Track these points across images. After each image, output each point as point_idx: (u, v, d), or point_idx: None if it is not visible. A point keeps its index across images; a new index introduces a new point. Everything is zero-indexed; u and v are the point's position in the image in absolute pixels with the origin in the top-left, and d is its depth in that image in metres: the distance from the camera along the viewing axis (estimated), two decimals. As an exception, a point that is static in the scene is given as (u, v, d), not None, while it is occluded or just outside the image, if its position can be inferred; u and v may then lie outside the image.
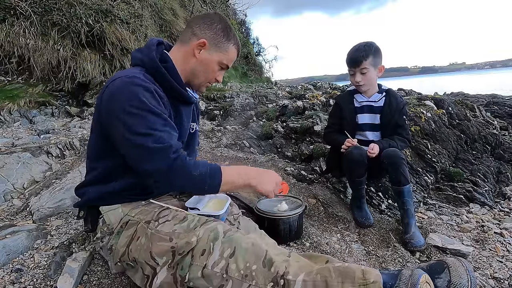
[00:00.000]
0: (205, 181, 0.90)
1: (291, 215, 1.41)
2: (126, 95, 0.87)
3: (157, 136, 0.86)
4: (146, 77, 0.94)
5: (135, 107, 0.86)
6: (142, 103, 0.87)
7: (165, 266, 0.84)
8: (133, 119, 0.85)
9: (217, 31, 1.04)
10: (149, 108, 0.87)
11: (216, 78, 1.10)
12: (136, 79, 0.90)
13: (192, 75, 1.07)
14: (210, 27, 1.03)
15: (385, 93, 1.79)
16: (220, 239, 0.84)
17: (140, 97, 0.87)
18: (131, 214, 0.98)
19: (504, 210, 1.95)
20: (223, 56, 1.06)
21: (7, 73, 3.76)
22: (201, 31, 1.03)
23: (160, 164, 0.85)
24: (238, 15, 10.21)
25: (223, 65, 1.08)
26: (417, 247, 1.46)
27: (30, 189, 1.80)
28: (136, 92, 0.87)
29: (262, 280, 0.78)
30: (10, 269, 1.09)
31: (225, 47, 1.05)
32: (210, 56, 1.04)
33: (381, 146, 1.64)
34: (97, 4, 4.06)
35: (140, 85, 0.89)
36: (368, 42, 1.70)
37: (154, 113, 0.88)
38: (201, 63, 1.05)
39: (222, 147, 3.11)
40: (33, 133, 2.91)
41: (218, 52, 1.05)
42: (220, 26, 1.04)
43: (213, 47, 1.03)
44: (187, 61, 1.05)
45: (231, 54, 1.08)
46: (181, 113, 1.07)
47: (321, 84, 5.98)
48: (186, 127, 1.12)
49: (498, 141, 2.74)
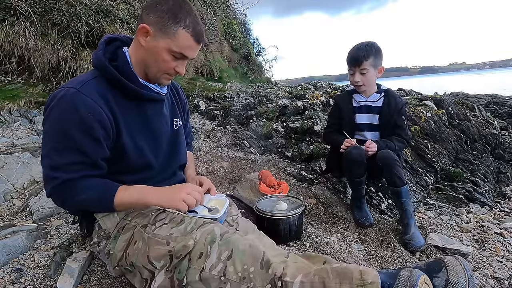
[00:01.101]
0: (89, 205, 0.92)
1: (291, 215, 1.41)
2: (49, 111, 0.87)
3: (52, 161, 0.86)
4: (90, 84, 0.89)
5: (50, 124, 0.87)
6: (57, 121, 0.86)
7: (163, 270, 0.84)
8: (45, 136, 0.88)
9: (161, 13, 0.89)
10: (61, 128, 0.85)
11: (175, 68, 0.96)
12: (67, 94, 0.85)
13: (145, 66, 0.96)
14: (155, 10, 0.90)
15: (384, 93, 1.79)
16: (217, 241, 0.83)
17: (58, 115, 0.85)
18: (128, 218, 0.98)
19: (504, 210, 1.95)
20: (171, 42, 0.90)
21: (7, 73, 3.76)
22: (147, 15, 0.91)
23: (46, 190, 0.89)
24: (238, 15, 10.22)
25: (175, 53, 0.92)
26: (417, 248, 1.46)
27: (30, 189, 1.80)
28: (57, 108, 0.85)
29: (259, 282, 0.78)
30: (10, 269, 1.09)
31: (172, 31, 0.89)
32: (157, 43, 0.90)
33: (378, 146, 1.64)
34: (97, 4, 4.06)
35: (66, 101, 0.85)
36: (370, 42, 1.69)
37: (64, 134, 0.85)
38: (148, 52, 0.92)
39: (222, 147, 3.11)
40: (33, 133, 2.92)
41: (165, 38, 0.90)
42: (166, 7, 0.89)
43: (158, 32, 0.90)
44: (137, 53, 0.95)
45: (182, 39, 0.91)
46: (146, 113, 1.00)
47: (321, 84, 5.98)
48: (158, 126, 1.05)
49: (498, 141, 2.73)
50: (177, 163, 1.17)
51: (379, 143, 1.66)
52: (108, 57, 0.94)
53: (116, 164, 0.96)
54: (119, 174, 0.98)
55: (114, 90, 0.93)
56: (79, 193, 0.87)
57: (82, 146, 0.86)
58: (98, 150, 0.89)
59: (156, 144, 1.05)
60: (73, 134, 0.85)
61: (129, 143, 0.96)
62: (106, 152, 0.92)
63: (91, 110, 0.85)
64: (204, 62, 6.42)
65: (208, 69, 6.57)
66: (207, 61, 6.52)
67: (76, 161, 0.87)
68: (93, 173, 0.91)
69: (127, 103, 0.95)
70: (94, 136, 0.87)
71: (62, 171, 0.85)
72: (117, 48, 0.98)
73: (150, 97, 0.99)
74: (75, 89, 0.86)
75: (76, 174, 0.87)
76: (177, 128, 1.15)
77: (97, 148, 0.89)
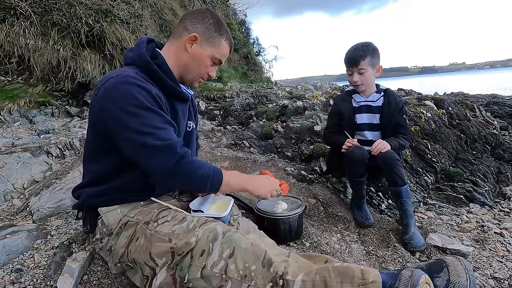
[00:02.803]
0: (207, 181, 0.93)
1: (291, 215, 1.41)
2: (121, 94, 0.87)
3: (158, 134, 0.86)
4: (139, 75, 0.94)
5: (132, 105, 0.86)
6: (138, 101, 0.87)
7: (165, 267, 0.84)
8: (132, 118, 0.85)
9: (209, 25, 1.04)
10: (146, 106, 0.87)
11: (209, 73, 1.10)
12: (130, 78, 0.89)
13: (185, 70, 1.07)
14: (202, 22, 1.04)
15: (383, 93, 1.80)
16: (219, 239, 0.84)
17: (136, 95, 0.87)
18: (130, 215, 0.98)
19: (504, 210, 1.95)
20: (215, 50, 1.06)
21: (7, 73, 3.76)
22: (193, 25, 1.04)
23: (164, 163, 0.86)
24: (238, 15, 10.21)
25: (216, 59, 1.08)
26: (417, 248, 1.46)
27: (30, 189, 1.80)
28: (131, 90, 0.87)
29: (261, 281, 0.78)
30: (10, 269, 1.09)
31: (217, 41, 1.05)
32: (203, 50, 1.04)
33: (392, 145, 1.62)
34: (97, 4, 4.06)
35: (133, 83, 0.88)
36: (366, 43, 1.71)
37: (152, 111, 0.88)
38: (193, 58, 1.05)
39: (222, 147, 3.11)
40: (33, 133, 2.92)
41: (210, 47, 1.05)
42: (212, 21, 1.05)
43: (204, 41, 1.04)
44: (179, 56, 1.05)
45: (223, 48, 1.08)
46: (176, 111, 1.06)
47: (321, 84, 5.99)
48: (183, 124, 1.12)
49: (498, 141, 2.73)
50: None
51: (391, 142, 1.65)
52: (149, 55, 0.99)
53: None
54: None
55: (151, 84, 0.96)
56: (198, 168, 0.91)
57: (168, 118, 0.93)
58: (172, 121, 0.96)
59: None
60: (156, 109, 0.90)
61: None
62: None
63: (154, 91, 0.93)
64: (204, 62, 6.41)
65: (208, 69, 6.55)
66: (207, 61, 6.50)
67: (173, 131, 0.92)
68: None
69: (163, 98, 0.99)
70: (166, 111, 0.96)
71: (172, 141, 0.88)
72: (154, 48, 1.05)
73: (183, 95, 1.07)
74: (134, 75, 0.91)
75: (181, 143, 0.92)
76: (190, 130, 1.20)
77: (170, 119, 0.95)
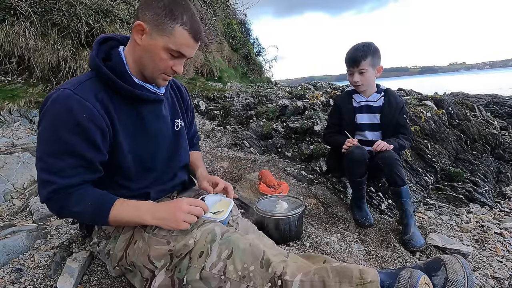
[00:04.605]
0: (83, 218, 0.92)
1: (291, 215, 1.41)
2: (44, 113, 0.84)
3: (48, 165, 0.82)
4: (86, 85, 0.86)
5: (45, 127, 0.83)
6: (52, 123, 0.82)
7: (163, 269, 0.84)
8: (40, 139, 0.85)
9: (158, 10, 0.85)
10: (56, 131, 0.81)
11: (172, 68, 0.92)
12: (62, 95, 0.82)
13: (142, 66, 0.93)
14: (150, 7, 0.86)
15: (383, 93, 1.80)
16: (218, 240, 0.83)
17: (52, 117, 0.82)
18: None
19: (504, 210, 1.95)
20: (168, 40, 0.86)
21: (7, 73, 3.76)
22: (142, 13, 0.87)
23: (41, 195, 0.85)
24: (238, 15, 10.22)
25: (172, 51, 0.88)
26: (417, 248, 1.46)
27: (30, 189, 1.80)
28: (52, 110, 0.82)
29: (259, 281, 0.78)
30: (10, 269, 1.09)
31: (169, 28, 0.86)
32: (153, 41, 0.87)
33: (393, 145, 1.62)
34: (97, 4, 4.06)
35: (61, 103, 0.81)
36: (367, 43, 1.71)
37: (59, 138, 0.81)
38: (145, 51, 0.89)
39: (222, 147, 3.11)
40: (33, 133, 2.92)
41: (162, 36, 0.86)
42: (162, 4, 0.86)
43: (154, 30, 0.86)
44: (134, 51, 0.92)
45: (179, 37, 0.87)
46: (142, 114, 0.97)
47: (321, 84, 5.99)
48: (156, 128, 1.01)
49: (498, 141, 2.73)
50: (178, 164, 1.14)
51: (392, 142, 1.65)
52: (102, 57, 0.91)
53: (114, 168, 0.94)
54: (118, 178, 0.96)
55: (109, 91, 0.90)
56: (74, 204, 0.84)
57: (78, 149, 0.83)
58: (94, 153, 0.86)
59: (155, 146, 1.02)
60: (67, 137, 0.81)
61: (126, 146, 0.94)
62: (104, 154, 0.89)
63: (86, 112, 0.83)
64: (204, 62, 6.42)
65: (208, 69, 6.57)
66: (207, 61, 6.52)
67: (71, 165, 0.83)
68: (90, 177, 0.88)
69: (123, 105, 0.92)
70: (90, 139, 0.84)
71: (57, 176, 0.82)
72: (112, 48, 0.95)
73: (146, 97, 0.95)
74: (70, 90, 0.83)
75: (72, 179, 0.84)
76: (178, 129, 1.12)
77: (93, 151, 0.86)
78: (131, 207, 0.89)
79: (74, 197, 0.84)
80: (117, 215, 0.86)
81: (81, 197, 0.85)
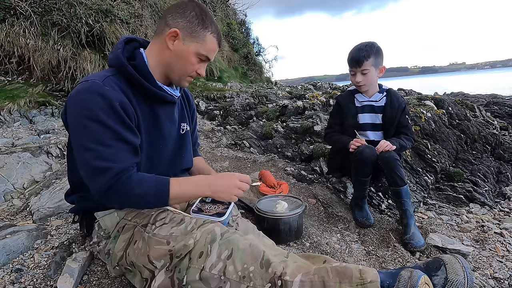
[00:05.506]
0: (148, 200, 0.89)
1: (291, 215, 1.41)
2: (79, 105, 0.84)
3: (100, 152, 0.82)
4: (111, 80, 0.89)
5: (85, 117, 0.83)
6: (92, 112, 0.82)
7: (163, 269, 0.84)
8: (83, 131, 0.83)
9: (191, 18, 0.94)
10: (98, 119, 0.83)
11: (197, 71, 1.00)
12: (92, 85, 0.85)
13: (169, 69, 0.99)
14: (183, 15, 0.94)
15: (385, 93, 1.80)
16: (218, 241, 0.83)
17: (90, 106, 0.83)
18: (128, 218, 0.98)
19: (504, 210, 1.95)
20: (200, 46, 0.96)
21: (7, 73, 3.77)
22: (174, 20, 0.95)
23: (97, 184, 0.83)
24: (238, 15, 10.22)
25: (202, 56, 0.98)
26: (417, 248, 1.46)
27: (30, 189, 1.81)
28: (87, 100, 0.83)
29: (259, 281, 0.78)
30: (10, 269, 1.09)
31: (201, 36, 0.95)
32: (186, 47, 0.95)
33: (395, 145, 1.63)
34: (97, 4, 4.07)
35: (94, 92, 0.84)
36: (370, 42, 1.70)
37: (103, 124, 0.83)
38: (176, 55, 0.96)
39: (222, 147, 3.11)
40: (33, 133, 2.92)
41: (194, 42, 0.95)
42: (194, 13, 0.95)
43: (187, 36, 0.94)
44: (162, 55, 0.98)
45: (209, 43, 0.97)
46: (157, 114, 1.01)
47: (321, 84, 5.99)
48: (168, 128, 1.06)
49: (498, 141, 2.74)
50: (181, 167, 1.17)
51: (394, 142, 1.64)
52: (127, 56, 0.95)
53: None
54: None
55: (131, 88, 0.94)
56: (136, 187, 0.85)
57: (122, 134, 0.86)
58: (133, 137, 0.90)
59: (163, 145, 1.06)
60: (110, 123, 0.84)
61: (143, 140, 0.97)
62: (140, 139, 0.93)
63: (119, 100, 0.87)
64: (204, 62, 6.41)
65: (208, 69, 6.58)
66: (207, 61, 6.51)
67: (122, 149, 0.86)
68: (137, 160, 0.91)
69: (142, 102, 0.96)
70: (127, 124, 0.88)
71: (113, 161, 0.83)
72: (135, 48, 1.00)
73: (164, 98, 1.00)
74: (99, 82, 0.86)
75: (127, 162, 0.86)
76: (184, 133, 1.16)
77: (132, 135, 0.90)
78: (190, 184, 0.95)
79: (134, 180, 0.86)
80: (178, 192, 0.91)
81: (141, 179, 0.87)
